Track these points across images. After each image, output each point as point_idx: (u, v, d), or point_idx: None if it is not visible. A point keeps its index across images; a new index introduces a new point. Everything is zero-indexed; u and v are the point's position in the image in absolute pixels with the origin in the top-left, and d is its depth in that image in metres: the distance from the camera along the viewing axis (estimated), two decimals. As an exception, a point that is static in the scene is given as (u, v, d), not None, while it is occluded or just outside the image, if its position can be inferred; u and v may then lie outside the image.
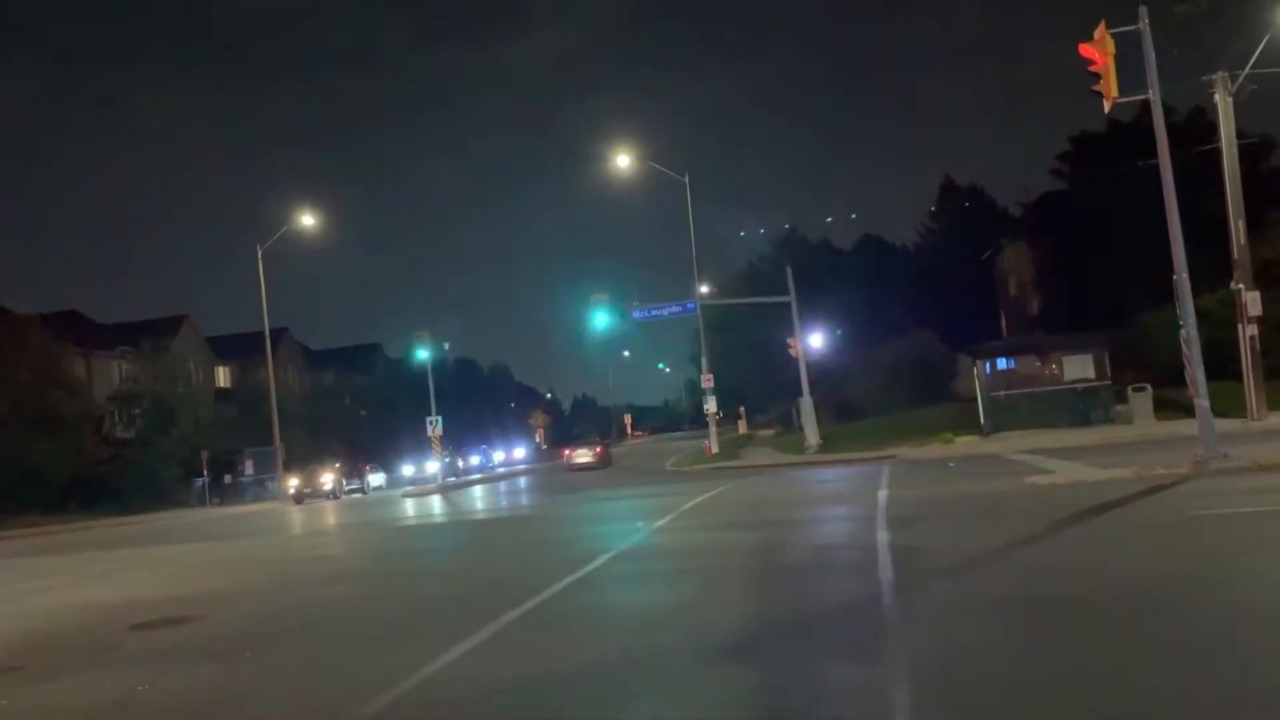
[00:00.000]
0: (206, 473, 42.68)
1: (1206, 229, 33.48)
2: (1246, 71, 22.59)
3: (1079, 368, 29.97)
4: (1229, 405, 25.77)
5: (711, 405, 37.58)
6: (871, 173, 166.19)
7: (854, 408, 43.37)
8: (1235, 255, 24.50)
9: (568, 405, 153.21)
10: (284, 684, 6.53)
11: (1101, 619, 6.09)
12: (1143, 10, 14.26)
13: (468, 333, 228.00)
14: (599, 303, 34.58)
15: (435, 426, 36.90)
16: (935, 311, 48.40)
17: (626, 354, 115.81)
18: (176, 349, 53.33)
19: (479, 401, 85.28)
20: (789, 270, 33.50)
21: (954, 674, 5.19)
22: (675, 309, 35.41)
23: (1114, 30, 14.47)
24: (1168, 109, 40.67)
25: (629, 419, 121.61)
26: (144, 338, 49.37)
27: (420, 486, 38.80)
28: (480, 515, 22.16)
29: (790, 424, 47.41)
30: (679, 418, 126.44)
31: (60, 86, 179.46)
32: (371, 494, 41.20)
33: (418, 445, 46.10)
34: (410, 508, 27.12)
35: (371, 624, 8.57)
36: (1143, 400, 27.75)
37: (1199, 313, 34.45)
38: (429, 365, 38.12)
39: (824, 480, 20.60)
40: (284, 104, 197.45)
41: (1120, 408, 28.49)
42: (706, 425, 39.41)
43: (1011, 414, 29.21)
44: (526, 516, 20.84)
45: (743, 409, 63.49)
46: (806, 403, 32.50)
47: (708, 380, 37.03)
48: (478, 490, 34.22)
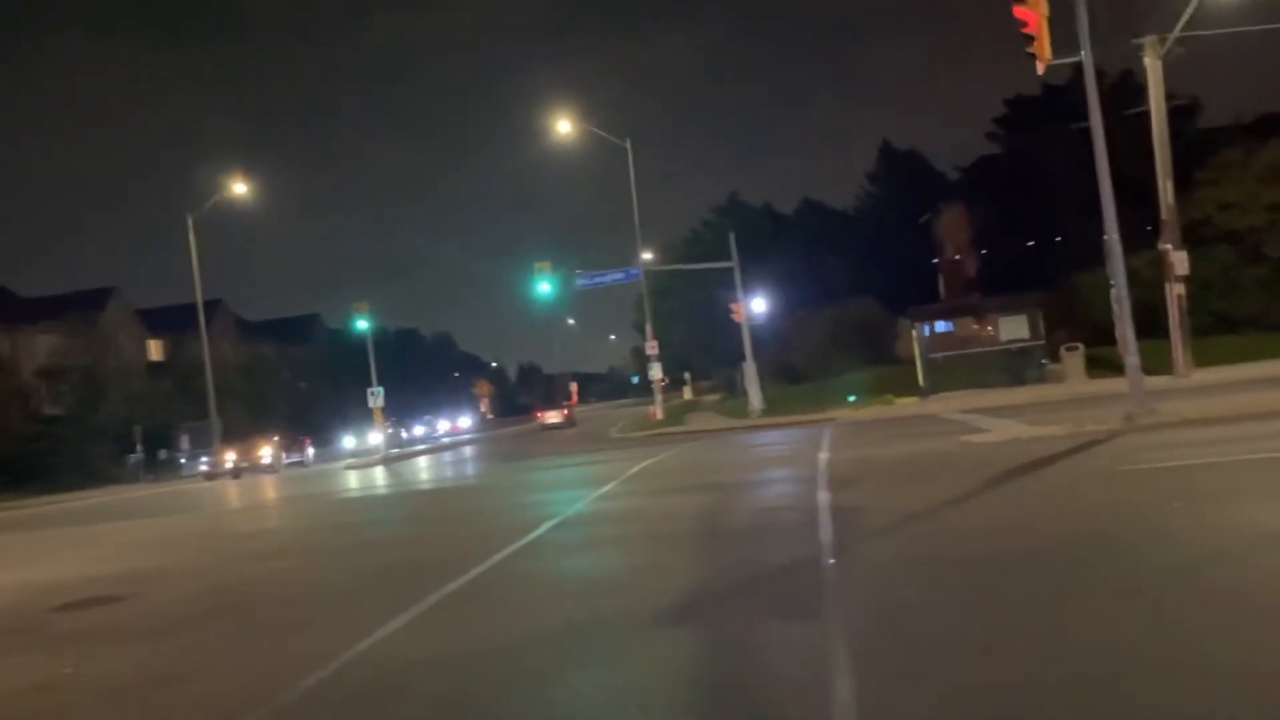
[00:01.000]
0: (141, 448, 41.65)
1: (1136, 191, 34.23)
2: (1175, 34, 22.96)
3: (1014, 328, 30.59)
4: (1157, 363, 26.50)
5: (656, 371, 37.62)
6: (812, 137, 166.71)
7: (796, 371, 43.76)
8: (1164, 216, 25.04)
9: (513, 374, 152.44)
10: (216, 663, 6.36)
11: (1035, 575, 6.20)
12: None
13: (410, 302, 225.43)
14: (542, 271, 34.32)
15: (377, 397, 36.40)
16: (875, 275, 48.92)
17: (572, 322, 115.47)
18: (105, 322, 51.74)
19: (422, 372, 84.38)
20: (732, 235, 33.54)
21: (891, 631, 5.24)
22: (619, 276, 35.28)
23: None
24: (1099, 72, 41.25)
25: (575, 386, 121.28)
26: (71, 311, 47.83)
27: (363, 458, 38.31)
28: (423, 486, 21.95)
29: (734, 389, 47.73)
30: (625, 385, 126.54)
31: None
32: (312, 467, 40.59)
33: (360, 417, 45.47)
34: (352, 480, 26.76)
35: (309, 599, 8.42)
36: (1075, 359, 28.44)
37: (1128, 273, 35.29)
38: (369, 336, 37.53)
39: (767, 443, 20.76)
40: (219, 70, 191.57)
41: (1053, 367, 29.18)
42: (652, 392, 39.46)
43: (949, 375, 29.74)
44: (470, 486, 20.70)
45: (687, 375, 63.78)
46: (750, 367, 32.70)
47: (652, 346, 37.03)
48: (422, 461, 33.91)
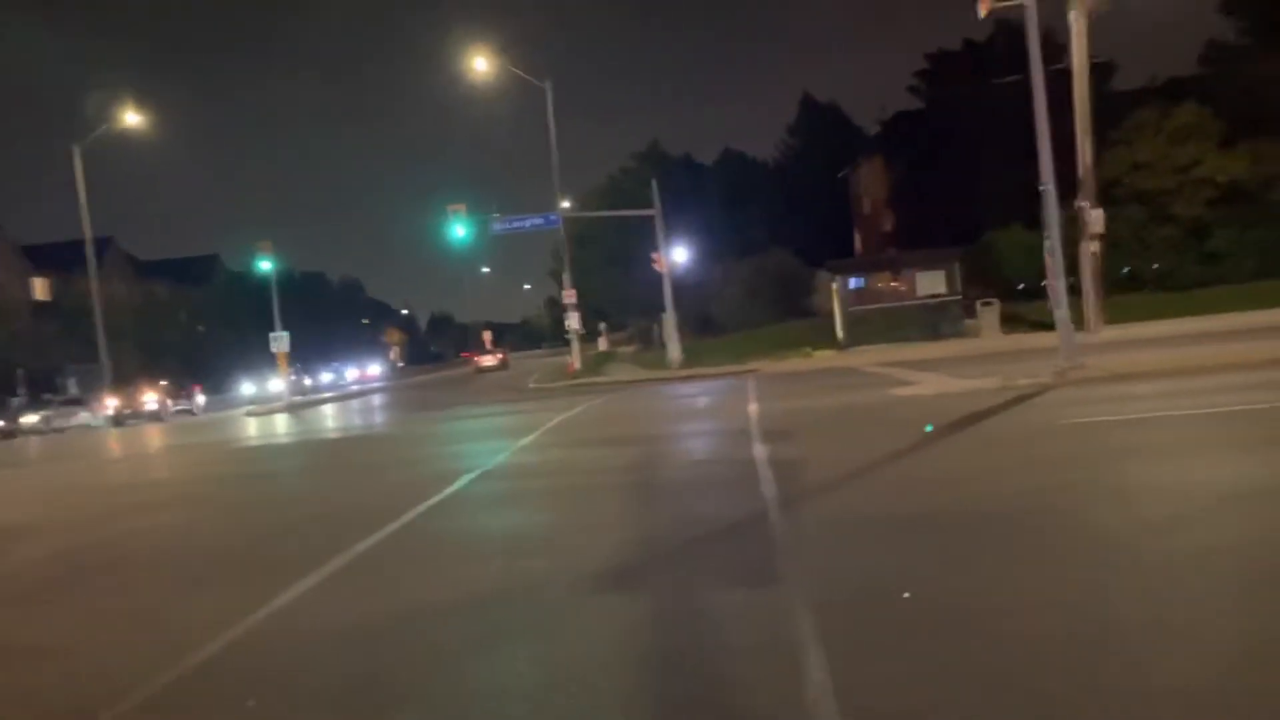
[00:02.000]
0: (23, 391, 39.17)
1: (1053, 149, 34.73)
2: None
3: (931, 283, 30.79)
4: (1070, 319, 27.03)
5: (574, 321, 36.84)
6: (736, 87, 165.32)
7: (715, 323, 43.57)
8: (1081, 174, 25.23)
9: (424, 322, 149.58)
10: (83, 635, 5.56)
11: (999, 535, 5.82)
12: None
13: (317, 245, 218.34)
14: (456, 213, 33.01)
15: (280, 342, 34.83)
16: (794, 228, 48.90)
17: (486, 270, 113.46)
18: (-17, 258, 48.40)
19: (329, 317, 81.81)
20: (654, 182, 32.80)
21: (858, 599, 4.77)
22: (537, 221, 34.18)
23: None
24: (1016, 30, 41.25)
25: (488, 335, 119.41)
26: (-57, 246, 44.50)
27: (264, 405, 36.73)
28: (330, 435, 20.93)
29: (651, 340, 47.34)
30: (539, 335, 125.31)
31: None
32: (204, 415, 38.74)
33: (263, 363, 43.59)
34: (252, 428, 25.49)
35: (199, 560, 7.60)
36: (990, 314, 28.76)
37: (1038, 231, 35.78)
38: (273, 278, 35.78)
39: (690, 395, 20.34)
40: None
41: (969, 322, 29.49)
42: (567, 342, 38.70)
43: (867, 328, 29.82)
44: (381, 436, 19.77)
45: (604, 326, 63.16)
46: (669, 318, 32.21)
47: (570, 295, 36.20)
48: (328, 409, 32.63)
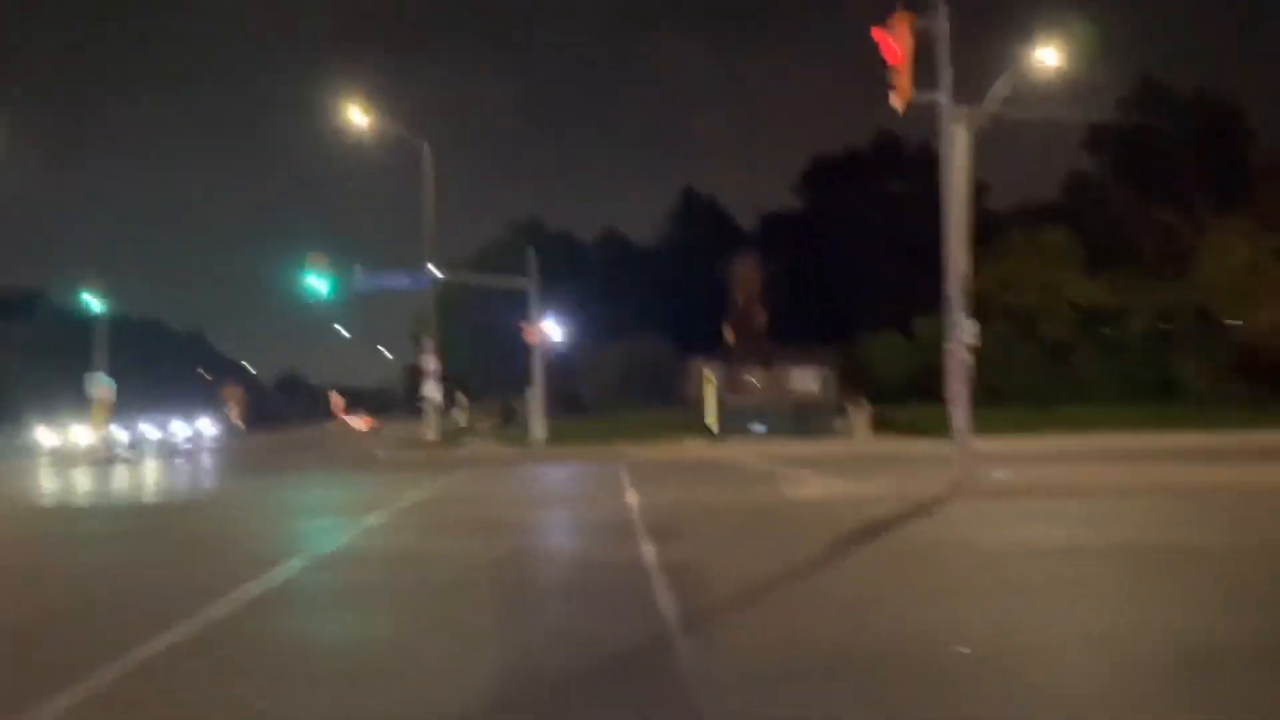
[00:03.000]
0: None
1: (925, 257, 35.65)
2: (993, 108, 23.44)
3: (804, 380, 30.55)
4: (937, 427, 27.03)
5: (433, 389, 34.82)
6: (617, 170, 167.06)
7: (581, 404, 42.37)
8: (954, 286, 25.47)
9: (272, 381, 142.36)
10: None
11: (940, 683, 4.65)
12: (943, 9, 13.66)
13: (161, 293, 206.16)
14: (315, 265, 30.80)
15: (101, 385, 31.40)
16: (668, 315, 48.55)
17: (344, 332, 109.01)
18: None
19: (168, 369, 76.27)
20: (531, 250, 31.65)
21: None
22: (404, 281, 32.31)
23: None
24: (897, 140, 42.71)
25: (337, 399, 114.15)
26: None
27: (67, 456, 32.82)
28: (135, 498, 18.11)
29: (512, 416, 45.53)
30: (391, 401, 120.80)
31: None
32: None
33: (80, 407, 39.31)
34: (45, 483, 22.30)
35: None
36: (861, 416, 28.60)
37: (913, 339, 36.36)
38: (99, 316, 32.45)
39: (559, 479, 18.84)
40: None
41: (840, 421, 29.23)
42: (420, 411, 36.50)
43: (739, 421, 29.15)
44: (198, 502, 17.25)
45: (463, 398, 60.89)
46: (535, 394, 30.72)
47: (431, 361, 34.25)
48: (150, 466, 29.31)
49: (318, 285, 30.86)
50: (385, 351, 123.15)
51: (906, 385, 34.06)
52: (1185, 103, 38.47)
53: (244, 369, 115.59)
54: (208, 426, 69.69)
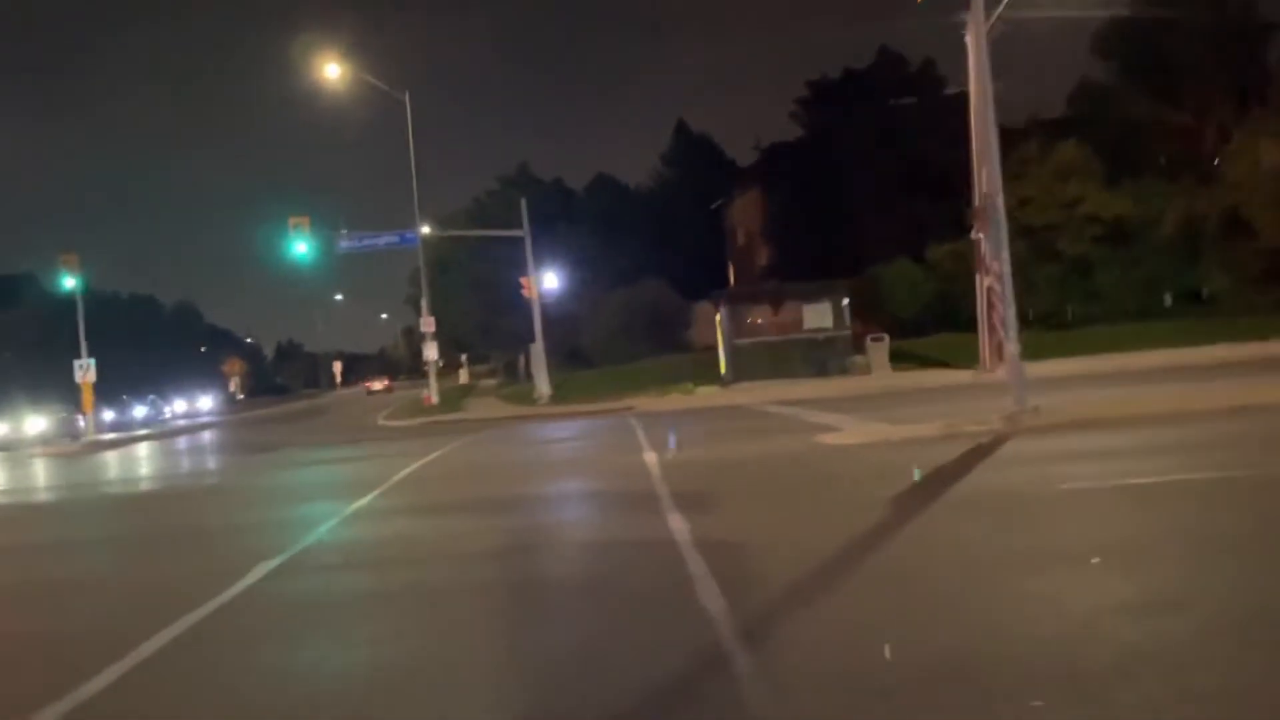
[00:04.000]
0: None
1: (936, 183, 33.96)
2: (1001, 10, 21.75)
3: (817, 317, 29.08)
4: (959, 357, 25.69)
5: (432, 351, 33.52)
6: (610, 112, 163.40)
7: (584, 356, 41.05)
8: (976, 203, 23.96)
9: (270, 351, 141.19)
10: None
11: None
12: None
13: (151, 267, 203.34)
14: (298, 228, 29.32)
15: (86, 370, 30.11)
16: (668, 259, 46.99)
17: (339, 297, 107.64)
18: None
19: (161, 345, 74.86)
20: (524, 202, 30.06)
21: None
22: (392, 239, 30.88)
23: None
24: (900, 60, 40.85)
25: (339, 367, 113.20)
26: None
27: (56, 446, 31.55)
28: (99, 490, 16.66)
29: (515, 373, 44.31)
30: (395, 366, 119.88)
31: None
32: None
33: (64, 394, 38.02)
34: (9, 477, 21.04)
35: None
36: (880, 351, 27.24)
37: (930, 266, 34.67)
38: (79, 295, 31.03)
39: (568, 438, 17.55)
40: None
41: (858, 358, 27.88)
42: (424, 374, 35.29)
43: (751, 364, 27.80)
44: (170, 491, 15.85)
45: (464, 357, 59.66)
46: (538, 348, 29.39)
47: (428, 323, 32.91)
48: (142, 450, 28.10)
49: (300, 248, 29.52)
50: (383, 315, 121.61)
51: (922, 315, 32.63)
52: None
53: (242, 341, 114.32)
54: (205, 400, 68.48)
